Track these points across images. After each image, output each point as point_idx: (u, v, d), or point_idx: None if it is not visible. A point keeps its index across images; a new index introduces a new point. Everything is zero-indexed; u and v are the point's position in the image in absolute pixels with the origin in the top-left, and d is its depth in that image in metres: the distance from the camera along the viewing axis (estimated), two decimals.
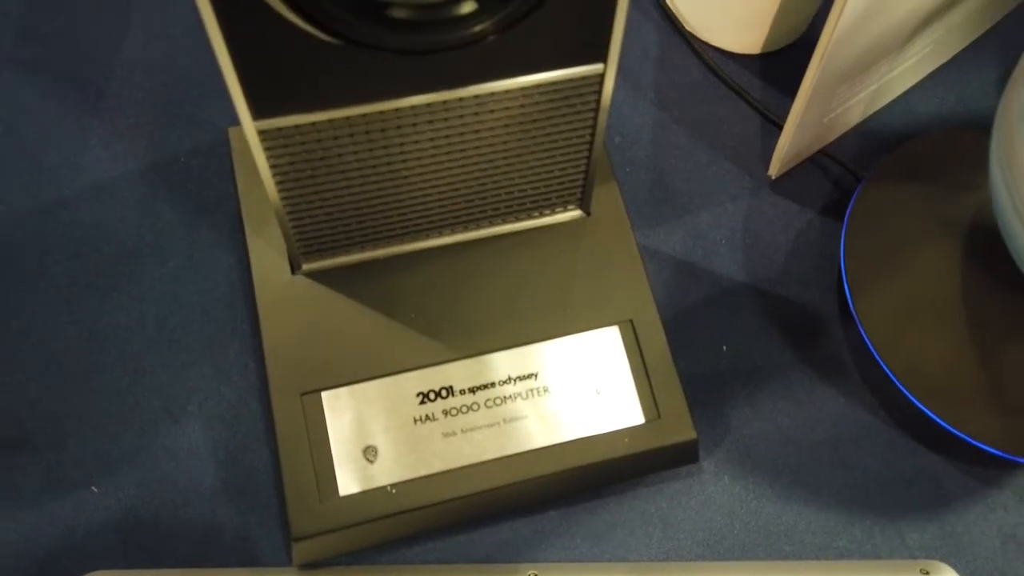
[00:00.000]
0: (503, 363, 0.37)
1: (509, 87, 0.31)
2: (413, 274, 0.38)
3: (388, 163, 0.33)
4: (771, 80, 0.46)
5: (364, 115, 0.31)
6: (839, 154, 0.45)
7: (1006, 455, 0.37)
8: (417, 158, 0.34)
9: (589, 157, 0.37)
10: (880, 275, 0.40)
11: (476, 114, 0.32)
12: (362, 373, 0.37)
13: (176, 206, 0.42)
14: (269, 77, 0.28)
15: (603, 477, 0.37)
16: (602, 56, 0.31)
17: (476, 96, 0.31)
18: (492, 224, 0.39)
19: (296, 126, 0.30)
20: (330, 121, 0.30)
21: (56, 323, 0.40)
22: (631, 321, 0.38)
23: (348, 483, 0.35)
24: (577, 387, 0.37)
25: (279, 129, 0.30)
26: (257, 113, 0.29)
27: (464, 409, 0.36)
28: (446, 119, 0.32)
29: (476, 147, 0.34)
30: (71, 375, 0.39)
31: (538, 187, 0.38)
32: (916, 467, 0.39)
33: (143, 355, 0.39)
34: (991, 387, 0.38)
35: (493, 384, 0.37)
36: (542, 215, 0.39)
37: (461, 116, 0.32)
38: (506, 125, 0.33)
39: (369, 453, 0.36)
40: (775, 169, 0.44)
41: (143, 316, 0.40)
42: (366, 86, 0.30)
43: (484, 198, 0.37)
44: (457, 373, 0.37)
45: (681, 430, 0.37)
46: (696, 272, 0.42)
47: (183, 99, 0.44)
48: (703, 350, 0.41)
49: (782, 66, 0.47)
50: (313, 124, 0.30)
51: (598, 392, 0.37)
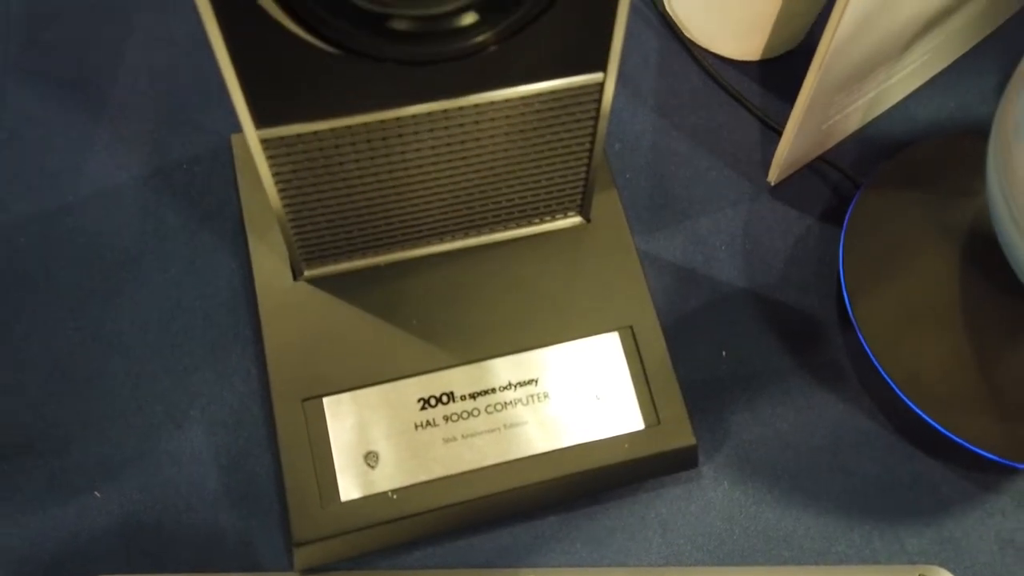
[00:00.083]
0: (503, 369, 0.37)
1: (509, 96, 0.31)
2: (414, 280, 0.38)
3: (389, 171, 0.34)
4: (770, 87, 0.46)
5: (365, 124, 0.31)
6: (838, 160, 0.45)
7: (1004, 460, 0.37)
8: (418, 166, 0.34)
9: (589, 164, 0.37)
10: (879, 281, 0.40)
11: (476, 123, 0.32)
12: (363, 379, 0.37)
13: (179, 212, 0.42)
14: (271, 87, 0.28)
15: (603, 482, 0.37)
16: (602, 65, 0.31)
17: (476, 105, 0.31)
18: (493, 231, 0.39)
19: (298, 135, 0.31)
20: (332, 130, 0.31)
21: (59, 328, 0.40)
22: (631, 327, 0.38)
23: (349, 488, 0.35)
24: (577, 393, 0.37)
25: (281, 138, 0.30)
26: (259, 122, 0.30)
27: (465, 415, 0.37)
28: (447, 128, 0.32)
29: (477, 155, 0.34)
30: (74, 380, 0.39)
31: (538, 194, 0.38)
32: (915, 472, 0.39)
33: (146, 360, 0.39)
34: (989, 393, 0.38)
35: (494, 390, 0.37)
36: (542, 222, 0.40)
37: (462, 125, 0.32)
38: (506, 133, 0.33)
39: (370, 459, 0.36)
40: (774, 175, 0.44)
41: (146, 321, 0.40)
42: (367, 95, 0.30)
43: (485, 205, 0.37)
44: (458, 379, 0.37)
45: (680, 436, 0.37)
46: (696, 278, 0.42)
47: (186, 106, 0.44)
48: (703, 356, 0.41)
49: (781, 73, 0.47)
50: (315, 133, 0.31)
51: (598, 398, 0.37)
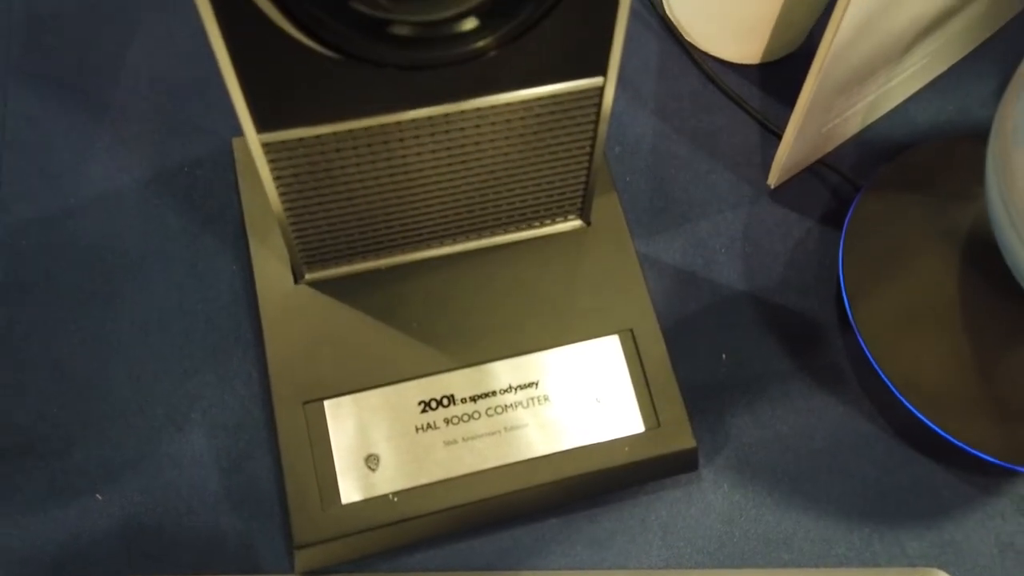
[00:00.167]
0: (504, 372, 0.37)
1: (510, 100, 0.31)
2: (415, 283, 0.39)
3: (390, 174, 0.34)
4: (770, 90, 0.47)
5: (366, 128, 0.31)
6: (838, 163, 0.45)
7: (1004, 463, 0.37)
8: (419, 169, 0.34)
9: (589, 168, 0.37)
10: (879, 284, 0.40)
11: (477, 126, 0.32)
12: (364, 382, 0.37)
13: (180, 215, 0.42)
14: (273, 91, 0.28)
15: (603, 485, 0.37)
16: (602, 69, 0.31)
17: (477, 109, 0.31)
18: (493, 234, 0.39)
19: (299, 139, 0.31)
20: (333, 134, 0.31)
21: (60, 330, 0.40)
22: (631, 330, 0.38)
23: (350, 491, 0.35)
24: (577, 396, 0.37)
25: (282, 142, 0.31)
26: (261, 126, 0.30)
27: (465, 418, 0.37)
28: (447, 131, 0.32)
29: (477, 158, 0.34)
30: (75, 383, 0.39)
31: (539, 197, 0.38)
32: (914, 475, 0.39)
33: (147, 363, 0.40)
34: (989, 396, 0.38)
35: (494, 393, 0.37)
36: (543, 225, 0.40)
37: (462, 129, 0.32)
38: (507, 137, 0.34)
39: (371, 461, 0.36)
40: (774, 178, 0.44)
41: (147, 324, 0.40)
42: (368, 100, 0.30)
43: (485, 208, 0.37)
44: (458, 382, 0.37)
45: (681, 438, 0.37)
46: (696, 281, 0.42)
47: (187, 109, 0.44)
48: (702, 358, 0.41)
49: (781, 76, 0.47)
50: (316, 137, 0.31)
51: (598, 401, 0.37)
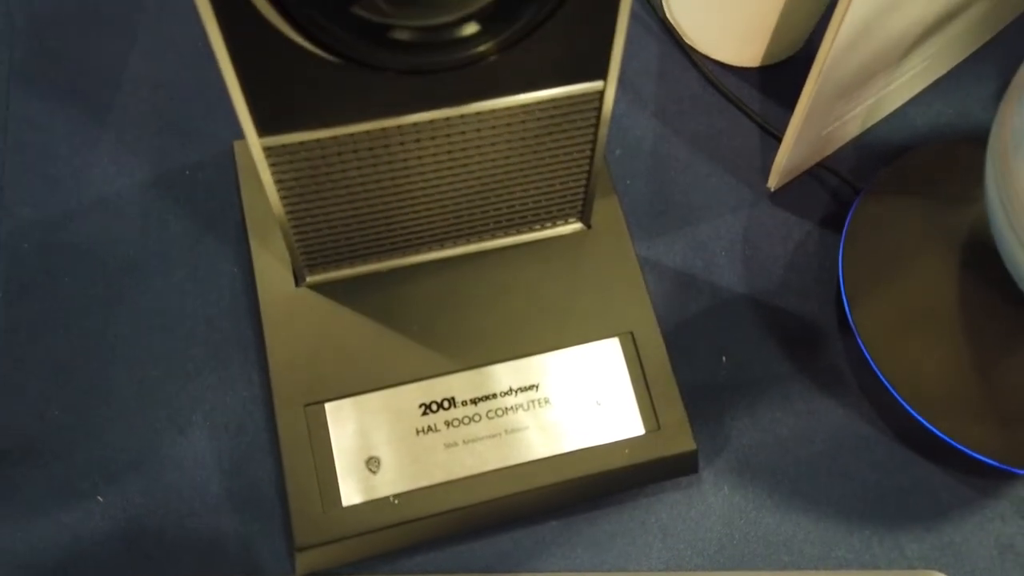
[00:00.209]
0: (504, 374, 0.38)
1: (510, 104, 0.32)
2: (415, 286, 0.39)
3: (391, 178, 0.34)
4: (770, 93, 0.47)
5: (367, 132, 0.31)
6: (838, 166, 0.45)
7: (1003, 466, 0.37)
8: (420, 173, 0.34)
9: (590, 171, 0.37)
10: (878, 287, 0.40)
11: (478, 130, 0.32)
12: (365, 384, 0.37)
13: (181, 218, 0.42)
14: (274, 95, 0.29)
15: (603, 487, 0.37)
16: (602, 73, 0.32)
17: (478, 113, 0.31)
18: (494, 237, 0.39)
19: (300, 143, 0.31)
20: (334, 138, 0.31)
21: (62, 333, 0.40)
22: (631, 333, 0.39)
23: (351, 494, 0.36)
24: (578, 398, 0.37)
25: (284, 146, 0.31)
26: (262, 130, 0.30)
27: (466, 420, 0.37)
28: (448, 135, 0.32)
29: (478, 162, 0.34)
30: (77, 385, 0.39)
31: (539, 200, 0.38)
32: (914, 478, 0.39)
33: (148, 365, 0.40)
34: (988, 398, 0.38)
35: (494, 395, 0.37)
36: (543, 228, 0.40)
37: (463, 132, 0.32)
38: (507, 140, 0.34)
39: (372, 464, 0.36)
40: (774, 181, 0.44)
41: (148, 327, 0.40)
42: (369, 104, 0.30)
43: (486, 211, 0.37)
44: (459, 384, 0.37)
45: (681, 441, 0.37)
46: (696, 283, 0.42)
47: (189, 112, 0.45)
48: (703, 361, 0.41)
49: (781, 79, 0.47)
50: (317, 141, 0.31)
51: (598, 403, 0.37)
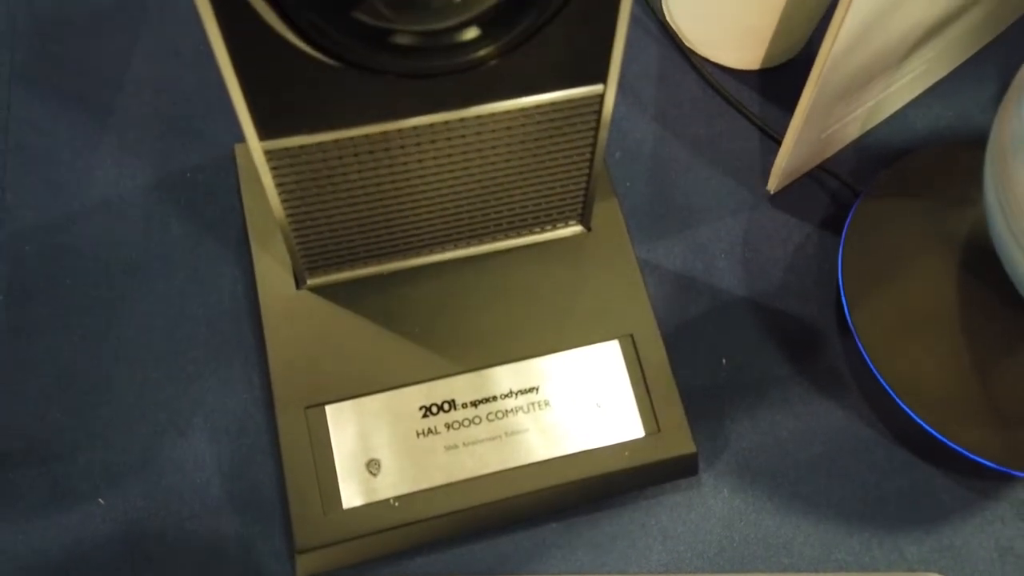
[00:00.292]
0: (505, 377, 0.38)
1: (510, 108, 0.32)
2: (416, 289, 0.39)
3: (392, 181, 0.34)
4: (770, 96, 0.47)
5: (368, 135, 0.31)
6: (837, 169, 0.45)
7: (1003, 468, 0.37)
8: (420, 176, 0.34)
9: (590, 174, 0.37)
10: (878, 289, 0.40)
11: (478, 134, 0.33)
12: (366, 387, 0.37)
13: (183, 221, 0.43)
14: (275, 99, 0.29)
15: (603, 490, 0.37)
16: (602, 77, 0.32)
17: (478, 117, 0.32)
18: (494, 240, 0.39)
19: (301, 146, 0.31)
20: (335, 141, 0.31)
21: (64, 336, 0.40)
22: (631, 335, 0.39)
23: (351, 496, 0.36)
24: (578, 401, 0.38)
25: (285, 149, 0.31)
26: (263, 134, 0.30)
27: (466, 422, 0.37)
28: (448, 139, 0.32)
29: (478, 165, 0.34)
30: (78, 388, 0.39)
31: (539, 203, 0.38)
32: (914, 480, 0.39)
33: (150, 368, 0.40)
34: (988, 400, 0.38)
35: (495, 398, 0.37)
36: (543, 231, 0.40)
37: (463, 136, 0.32)
38: (507, 144, 0.34)
39: (372, 466, 0.36)
40: (774, 184, 0.44)
41: (150, 329, 0.40)
42: (370, 107, 0.30)
43: (486, 214, 0.38)
44: (459, 387, 0.37)
45: (681, 443, 0.37)
46: (696, 286, 0.42)
47: (190, 115, 0.45)
48: (702, 363, 0.41)
49: (781, 82, 0.47)
50: (318, 144, 0.31)
51: (598, 406, 0.38)
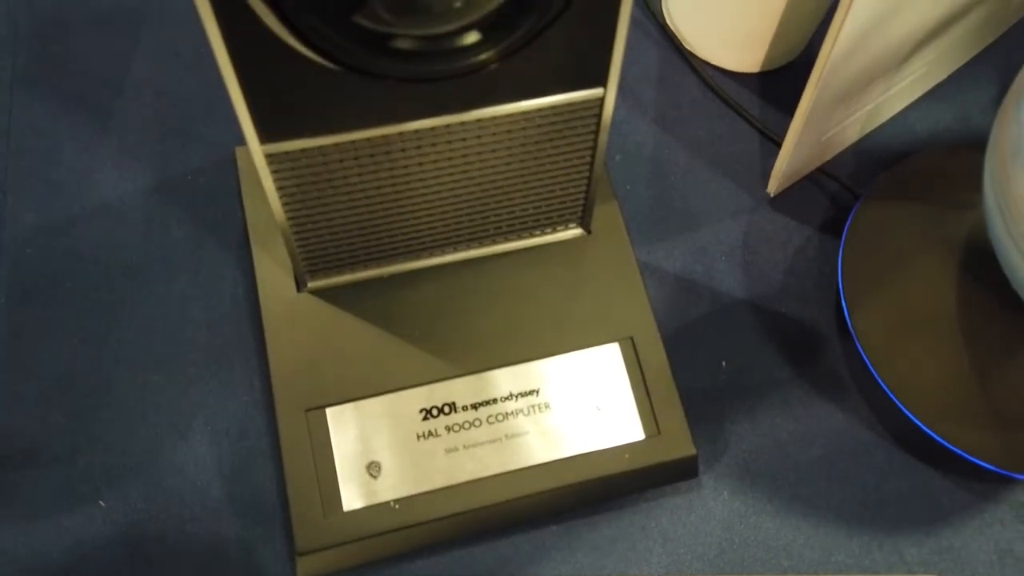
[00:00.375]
0: (505, 380, 0.38)
1: (511, 111, 0.32)
2: (416, 292, 0.39)
3: (392, 184, 0.34)
4: (770, 99, 0.47)
5: (369, 139, 0.31)
6: (837, 172, 0.45)
7: (1002, 471, 0.37)
8: (421, 179, 0.34)
9: (590, 177, 0.37)
10: (877, 292, 0.40)
11: (479, 137, 0.33)
12: (366, 390, 0.37)
13: (183, 223, 0.43)
14: (276, 103, 0.29)
15: (603, 492, 0.37)
16: (602, 81, 0.32)
17: (478, 120, 0.32)
18: (494, 242, 0.39)
19: (302, 150, 0.31)
20: (336, 145, 0.31)
21: (65, 339, 0.40)
22: (631, 338, 0.39)
23: (352, 498, 0.36)
24: (578, 403, 0.38)
25: (286, 153, 0.31)
26: (264, 137, 0.30)
27: (466, 425, 0.37)
28: (449, 142, 0.32)
29: (479, 168, 0.34)
30: (79, 390, 0.39)
31: (539, 206, 0.38)
32: (913, 482, 0.39)
33: (150, 371, 0.40)
34: (988, 403, 0.38)
35: (495, 400, 0.37)
36: (543, 233, 0.40)
37: (464, 139, 0.32)
38: (508, 147, 0.34)
39: (373, 469, 0.36)
40: (774, 186, 0.44)
41: (151, 332, 0.40)
42: (371, 111, 0.30)
43: (486, 217, 0.38)
44: (459, 390, 0.37)
45: (681, 446, 0.37)
46: (696, 289, 0.43)
47: (191, 118, 0.45)
48: (702, 366, 0.41)
49: (781, 85, 0.47)
50: (319, 148, 0.31)
51: (598, 408, 0.38)
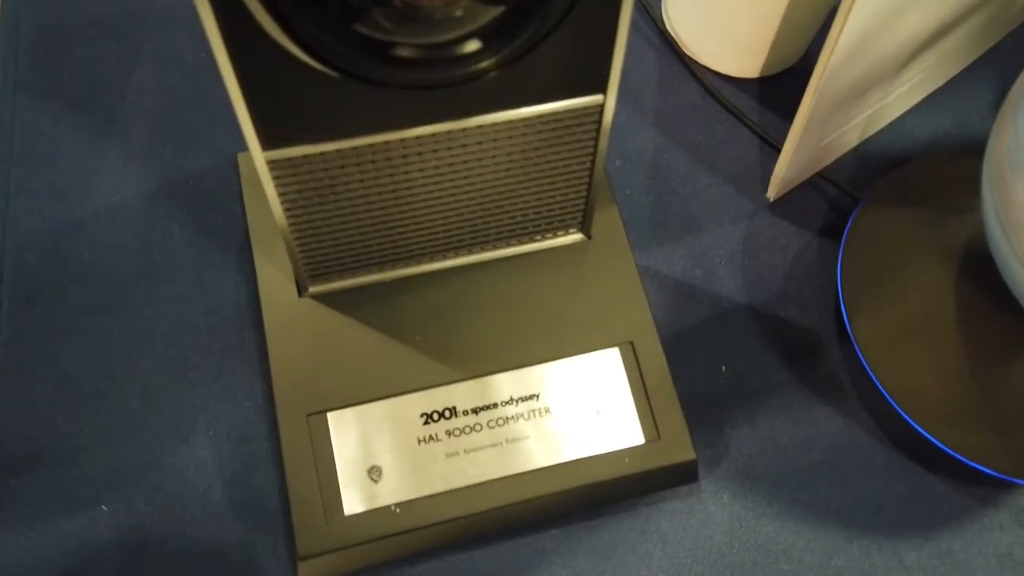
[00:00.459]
0: (505, 384, 0.38)
1: (511, 118, 0.32)
2: (417, 297, 0.39)
3: (393, 190, 0.34)
4: (769, 104, 0.47)
5: (370, 145, 0.31)
6: (836, 177, 0.45)
7: (1002, 475, 0.37)
8: (422, 185, 0.34)
9: (590, 182, 0.37)
10: (877, 297, 0.40)
11: (479, 143, 0.33)
12: (367, 394, 0.37)
13: (185, 228, 0.43)
14: (278, 110, 0.29)
15: (603, 497, 0.38)
16: (602, 87, 0.32)
17: (479, 127, 0.32)
18: (495, 247, 0.40)
19: (304, 156, 0.31)
20: (337, 151, 0.31)
21: (67, 342, 0.40)
22: (631, 342, 0.39)
23: (353, 503, 0.36)
24: (578, 408, 0.38)
25: (287, 159, 0.31)
26: (266, 144, 0.30)
27: (467, 429, 0.37)
28: (450, 148, 0.33)
29: (479, 174, 0.35)
30: (81, 394, 0.39)
31: (540, 211, 0.38)
32: (913, 487, 0.39)
33: (152, 375, 0.40)
34: (987, 408, 0.38)
35: (495, 405, 0.37)
36: (544, 238, 0.40)
37: (464, 146, 0.33)
38: (508, 153, 0.34)
39: (374, 473, 0.36)
40: (773, 191, 0.44)
41: (152, 336, 0.41)
42: (372, 118, 0.30)
43: (487, 223, 0.38)
44: (460, 394, 0.38)
45: (680, 450, 0.37)
46: (695, 293, 0.43)
47: (193, 123, 0.45)
48: (702, 371, 0.41)
49: (780, 90, 0.47)
50: (321, 154, 0.31)
51: (599, 413, 0.38)
